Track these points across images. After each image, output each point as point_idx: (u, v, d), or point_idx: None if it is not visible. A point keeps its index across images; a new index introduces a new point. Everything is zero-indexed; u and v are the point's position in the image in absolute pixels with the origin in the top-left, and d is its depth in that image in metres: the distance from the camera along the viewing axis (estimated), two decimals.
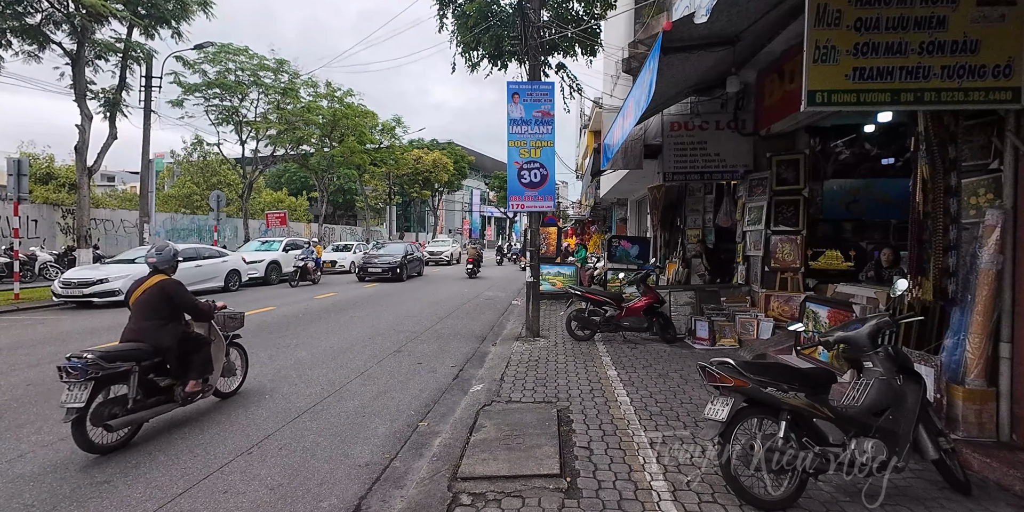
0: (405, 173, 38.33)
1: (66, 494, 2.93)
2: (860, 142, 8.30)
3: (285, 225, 24.40)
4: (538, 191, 7.25)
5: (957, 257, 3.65)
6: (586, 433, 3.65)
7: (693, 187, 9.77)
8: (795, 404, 2.64)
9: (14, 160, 11.14)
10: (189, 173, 30.37)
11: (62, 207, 17.69)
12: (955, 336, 3.49)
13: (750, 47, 5.78)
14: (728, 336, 6.60)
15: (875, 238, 7.87)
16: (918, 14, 3.12)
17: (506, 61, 9.86)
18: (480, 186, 62.71)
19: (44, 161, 23.09)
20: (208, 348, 4.15)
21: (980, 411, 3.29)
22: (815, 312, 5.22)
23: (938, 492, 2.84)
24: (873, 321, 2.85)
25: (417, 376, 5.51)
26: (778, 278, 6.74)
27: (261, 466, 3.31)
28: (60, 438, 3.68)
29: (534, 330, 7.20)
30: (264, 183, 36.53)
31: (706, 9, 3.28)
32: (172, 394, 3.90)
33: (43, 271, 14.39)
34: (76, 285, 10.11)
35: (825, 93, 3.17)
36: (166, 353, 3.85)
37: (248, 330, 6.82)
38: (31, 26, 12.62)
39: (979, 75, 3.11)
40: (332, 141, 26.86)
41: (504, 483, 2.92)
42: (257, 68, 21.24)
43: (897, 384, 2.71)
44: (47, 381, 5.07)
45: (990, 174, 3.48)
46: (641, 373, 5.28)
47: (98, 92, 14.36)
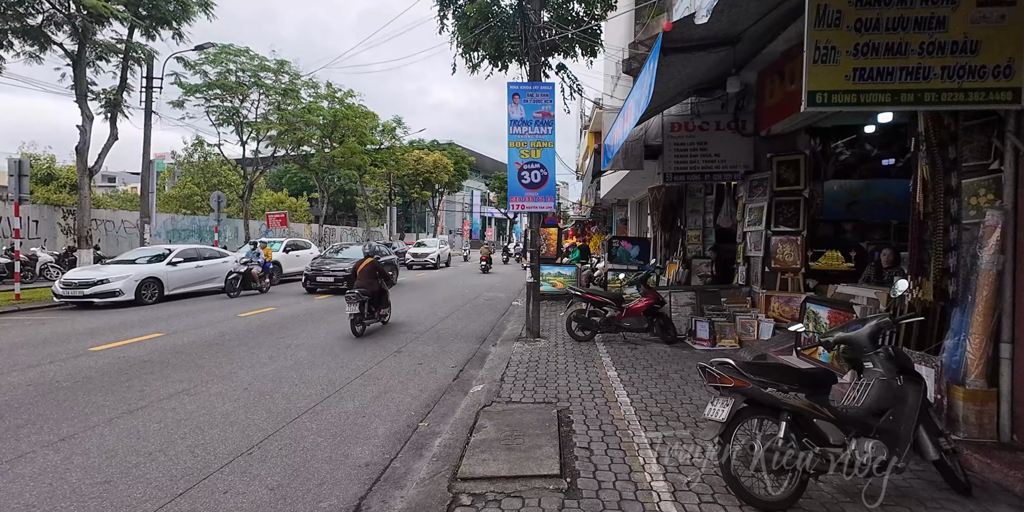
0: (405, 174, 38.36)
1: (66, 494, 2.93)
2: (860, 143, 8.30)
3: (286, 226, 24.43)
4: (538, 192, 7.25)
5: (958, 257, 3.65)
6: (586, 434, 3.65)
7: (693, 188, 9.77)
8: (795, 404, 2.64)
9: (15, 161, 11.15)
10: (190, 174, 30.38)
11: (63, 208, 17.70)
12: (956, 337, 3.49)
13: (750, 48, 5.78)
14: (728, 337, 6.60)
15: (876, 239, 7.86)
16: (918, 15, 3.12)
17: (507, 62, 9.87)
18: (480, 187, 62.74)
19: (45, 162, 23.12)
20: (387, 295, 8.29)
21: (981, 412, 3.29)
22: (816, 313, 5.21)
23: (938, 493, 2.84)
24: (873, 322, 2.85)
25: (417, 377, 5.51)
26: (778, 279, 6.74)
27: (261, 466, 3.31)
28: (60, 438, 3.68)
29: (534, 331, 7.19)
30: (265, 184, 36.51)
31: (707, 10, 3.29)
32: (375, 315, 7.87)
33: (44, 272, 14.40)
34: (77, 285, 10.12)
35: (825, 94, 3.17)
36: (374, 295, 7.71)
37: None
38: (32, 27, 12.64)
39: (979, 76, 3.11)
40: (333, 142, 26.88)
41: (504, 483, 2.92)
42: (258, 69, 21.26)
43: (897, 384, 2.71)
44: (47, 381, 5.08)
45: (990, 174, 3.47)
46: (641, 374, 5.27)
47: (99, 93, 14.38)
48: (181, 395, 4.71)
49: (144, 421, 4.06)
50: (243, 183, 24.29)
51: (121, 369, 5.56)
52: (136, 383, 5.06)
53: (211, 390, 4.88)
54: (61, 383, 5.03)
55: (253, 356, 6.22)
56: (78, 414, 4.19)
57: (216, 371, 5.54)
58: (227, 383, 5.11)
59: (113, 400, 4.55)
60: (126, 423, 4.01)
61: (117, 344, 6.75)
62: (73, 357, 6.01)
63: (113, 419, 4.09)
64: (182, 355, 6.24)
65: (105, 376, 5.29)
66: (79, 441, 3.65)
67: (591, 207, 24.47)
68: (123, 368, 5.61)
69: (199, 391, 4.84)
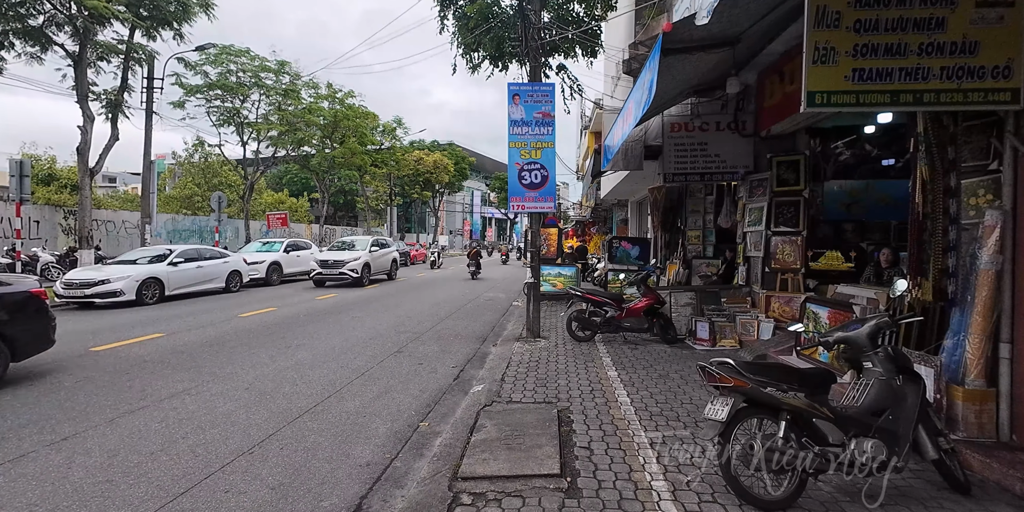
0: (406, 174, 38.37)
1: (68, 493, 2.94)
2: (860, 143, 8.30)
3: (286, 226, 24.41)
4: (539, 192, 7.26)
5: (957, 258, 3.65)
6: (586, 433, 3.66)
7: (694, 188, 9.77)
8: (795, 404, 2.65)
9: (16, 161, 11.18)
10: (190, 174, 30.41)
11: (64, 208, 17.72)
12: (955, 336, 3.49)
13: (750, 48, 5.79)
14: (728, 337, 6.60)
15: (875, 239, 7.87)
16: (917, 15, 3.13)
17: (507, 62, 9.89)
18: (481, 187, 62.76)
19: (46, 162, 23.16)
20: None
21: (980, 411, 3.30)
22: (815, 313, 5.22)
23: (938, 492, 2.84)
24: (873, 321, 2.86)
25: (418, 376, 5.52)
26: (778, 279, 6.75)
27: (262, 466, 3.32)
28: (62, 437, 3.69)
29: (535, 331, 7.20)
30: (265, 184, 36.54)
31: (707, 10, 3.29)
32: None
33: (45, 272, 14.40)
34: (78, 286, 10.13)
35: (825, 94, 3.18)
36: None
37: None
38: (34, 28, 12.67)
39: (978, 76, 3.12)
40: (333, 142, 26.90)
41: (505, 483, 2.93)
42: (258, 69, 21.29)
43: (897, 384, 2.72)
44: (49, 381, 5.08)
45: (989, 175, 3.48)
46: (641, 374, 5.28)
47: (100, 93, 14.41)
48: (182, 395, 4.72)
49: (146, 421, 4.06)
50: (244, 183, 24.32)
51: (122, 369, 5.57)
52: (137, 383, 5.07)
53: (212, 390, 4.89)
54: (62, 383, 5.04)
55: (254, 356, 6.23)
56: (79, 413, 4.20)
57: (217, 371, 5.55)
58: (228, 383, 5.12)
59: (114, 400, 4.56)
60: (128, 423, 4.02)
61: (118, 344, 6.76)
62: (74, 357, 6.02)
63: (115, 419, 4.10)
64: (183, 355, 6.25)
65: (106, 376, 5.30)
66: (81, 440, 3.66)
67: (591, 207, 24.48)
68: (124, 368, 5.62)
69: (200, 391, 4.85)
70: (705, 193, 9.69)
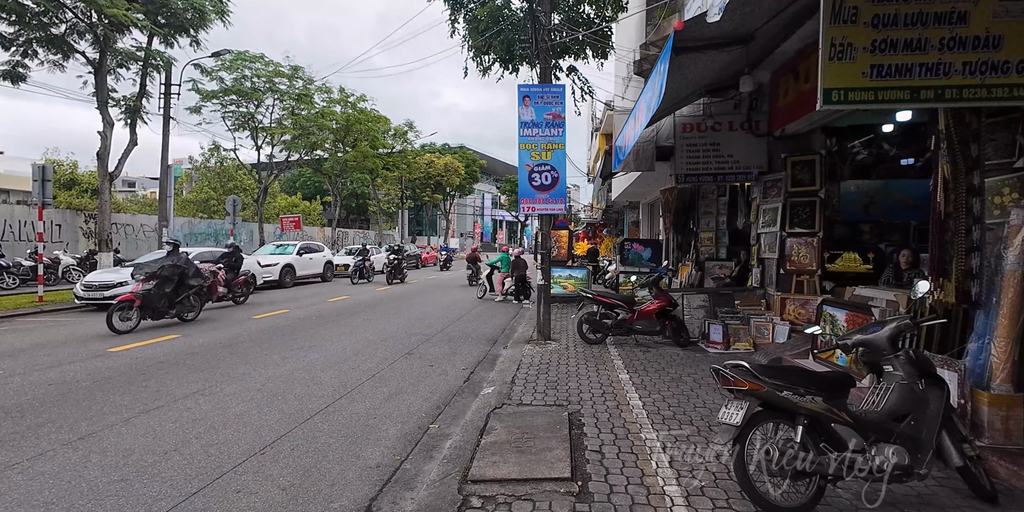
0: (417, 177, 38.59)
1: (84, 491, 2.98)
2: (878, 142, 8.13)
3: (299, 229, 24.68)
4: (549, 194, 7.23)
5: (981, 258, 3.55)
6: (598, 436, 3.61)
7: (706, 189, 9.67)
8: (812, 408, 2.58)
9: (39, 166, 11.45)
10: (206, 178, 30.95)
11: (84, 212, 18.13)
12: (979, 340, 3.38)
13: (764, 46, 5.71)
14: (742, 340, 6.50)
15: (894, 240, 7.70)
16: (938, 9, 3.06)
17: (517, 65, 9.91)
18: (491, 190, 62.88)
19: (68, 167, 23.76)
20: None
21: (1006, 417, 3.18)
22: (832, 315, 5.11)
23: (963, 500, 2.75)
24: (893, 324, 2.78)
25: (428, 378, 5.51)
26: (794, 281, 6.63)
27: (273, 466, 3.33)
28: (79, 437, 3.75)
29: (545, 333, 7.16)
30: (279, 188, 37.07)
31: (719, 8, 3.25)
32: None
33: (66, 274, 14.75)
34: (97, 288, 10.33)
35: (841, 91, 3.11)
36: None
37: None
38: (56, 36, 12.98)
39: (1002, 71, 3.03)
40: (345, 146, 27.15)
41: (514, 486, 2.90)
42: (272, 75, 21.59)
43: (919, 389, 2.64)
44: (67, 381, 5.17)
45: (1015, 173, 3.38)
46: (653, 377, 5.21)
47: (119, 99, 14.70)
48: (196, 395, 4.77)
49: (160, 420, 4.11)
50: (258, 187, 24.63)
51: (138, 370, 5.65)
52: (152, 383, 5.14)
53: (225, 390, 4.93)
54: (80, 383, 5.13)
55: (266, 357, 6.28)
56: (96, 413, 4.26)
57: (230, 372, 5.61)
58: (241, 384, 5.16)
59: (130, 400, 4.62)
60: (142, 422, 4.06)
61: (135, 345, 6.86)
62: (92, 358, 6.13)
63: (130, 418, 4.15)
64: (197, 356, 6.32)
65: (123, 376, 5.38)
66: (97, 440, 3.71)
67: (602, 210, 24.36)
68: (140, 369, 5.70)
69: (213, 391, 4.90)
70: (718, 194, 9.58)
